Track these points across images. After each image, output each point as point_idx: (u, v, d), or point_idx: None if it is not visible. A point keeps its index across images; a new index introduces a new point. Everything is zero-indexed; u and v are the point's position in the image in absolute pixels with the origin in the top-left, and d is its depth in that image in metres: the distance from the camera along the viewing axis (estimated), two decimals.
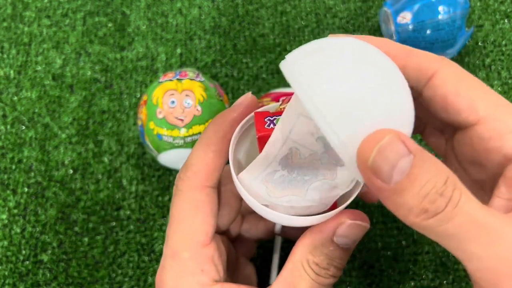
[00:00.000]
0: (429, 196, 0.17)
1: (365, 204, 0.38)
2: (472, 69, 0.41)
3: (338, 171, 0.23)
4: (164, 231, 0.34)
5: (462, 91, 0.21)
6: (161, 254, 0.25)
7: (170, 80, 0.35)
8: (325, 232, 0.23)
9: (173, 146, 0.34)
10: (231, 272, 0.28)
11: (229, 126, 0.25)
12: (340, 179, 0.23)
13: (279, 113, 0.23)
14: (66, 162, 0.40)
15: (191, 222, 0.24)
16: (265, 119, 0.23)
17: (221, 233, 0.28)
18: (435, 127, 0.26)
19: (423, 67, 0.21)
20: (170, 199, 0.39)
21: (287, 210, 0.23)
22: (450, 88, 0.21)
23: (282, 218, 0.23)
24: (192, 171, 0.24)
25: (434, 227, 0.18)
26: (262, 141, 0.22)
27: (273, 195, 0.23)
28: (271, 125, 0.22)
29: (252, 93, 0.42)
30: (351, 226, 0.23)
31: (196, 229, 0.24)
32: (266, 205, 0.23)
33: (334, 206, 0.24)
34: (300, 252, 0.23)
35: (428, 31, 0.36)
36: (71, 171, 0.40)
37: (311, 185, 0.23)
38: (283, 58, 0.20)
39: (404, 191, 0.17)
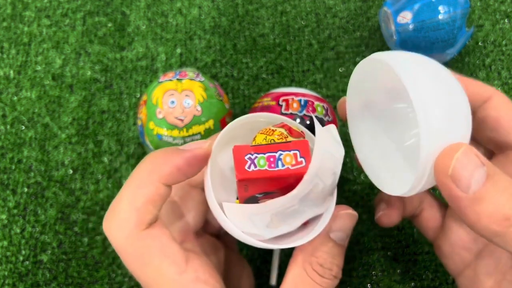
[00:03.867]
0: (509, 203, 0.18)
1: (364, 204, 0.38)
2: (472, 69, 0.41)
3: (327, 200, 0.23)
4: None
5: None
6: None
7: (170, 80, 0.35)
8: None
9: (172, 146, 0.34)
10: (226, 268, 0.28)
11: (167, 171, 0.22)
12: (325, 207, 0.24)
13: (261, 149, 0.21)
14: (66, 162, 0.40)
15: (154, 270, 0.21)
16: (246, 157, 0.21)
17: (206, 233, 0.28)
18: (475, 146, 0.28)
19: (480, 91, 0.25)
20: None
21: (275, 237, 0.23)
22: (503, 112, 0.24)
23: (278, 246, 0.23)
24: (120, 219, 0.22)
25: None
26: (242, 183, 0.21)
27: (273, 226, 0.23)
28: (252, 166, 0.21)
29: (252, 93, 0.42)
30: (343, 217, 0.24)
31: (165, 272, 0.21)
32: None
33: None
34: (302, 257, 0.23)
35: (428, 31, 0.36)
36: (71, 171, 0.40)
37: (302, 216, 0.23)
38: (283, 58, 0.20)
39: (483, 199, 0.19)
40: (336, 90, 0.42)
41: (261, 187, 0.22)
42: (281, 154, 0.21)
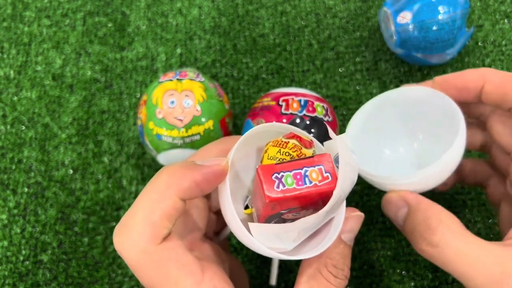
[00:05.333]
0: (422, 233, 0.24)
1: (365, 204, 0.38)
2: None
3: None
4: None
5: None
6: None
7: (170, 80, 0.35)
8: None
9: (172, 146, 0.34)
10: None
11: (186, 186, 0.21)
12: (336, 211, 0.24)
13: (285, 166, 0.21)
14: (66, 162, 0.40)
15: (172, 284, 0.21)
16: (273, 177, 0.21)
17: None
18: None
19: None
20: None
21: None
22: None
23: (300, 256, 0.23)
24: (134, 234, 0.21)
25: (435, 256, 0.24)
26: (272, 203, 0.21)
27: (298, 240, 0.23)
28: (280, 186, 0.21)
29: (252, 93, 0.42)
30: (353, 219, 0.25)
31: (183, 284, 0.21)
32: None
33: None
34: (316, 259, 0.23)
35: (428, 31, 0.36)
36: (71, 171, 0.40)
37: (320, 223, 0.23)
38: (283, 58, 0.20)
39: (408, 230, 0.25)
40: (336, 90, 0.42)
41: (288, 205, 0.22)
42: (306, 171, 0.21)
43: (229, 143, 0.25)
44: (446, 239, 0.23)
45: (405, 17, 0.37)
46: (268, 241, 0.22)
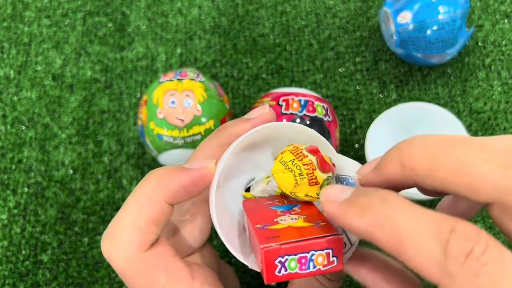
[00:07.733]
0: None
1: None
2: (472, 69, 0.41)
3: None
4: None
5: None
6: None
7: (171, 80, 0.35)
8: None
9: (173, 146, 0.34)
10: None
11: (173, 190, 0.21)
12: None
13: (292, 249, 0.20)
14: (66, 162, 0.40)
15: None
16: (276, 261, 0.20)
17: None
18: None
19: None
20: None
21: None
22: None
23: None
24: (122, 240, 0.20)
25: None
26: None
27: None
28: (282, 271, 0.20)
29: (252, 93, 0.42)
30: None
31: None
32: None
33: None
34: None
35: (429, 31, 0.36)
36: (71, 171, 0.40)
37: None
38: (283, 58, 0.20)
39: None
40: (336, 90, 0.42)
41: None
42: (313, 255, 0.20)
43: (225, 136, 0.23)
44: None
45: (405, 17, 0.37)
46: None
